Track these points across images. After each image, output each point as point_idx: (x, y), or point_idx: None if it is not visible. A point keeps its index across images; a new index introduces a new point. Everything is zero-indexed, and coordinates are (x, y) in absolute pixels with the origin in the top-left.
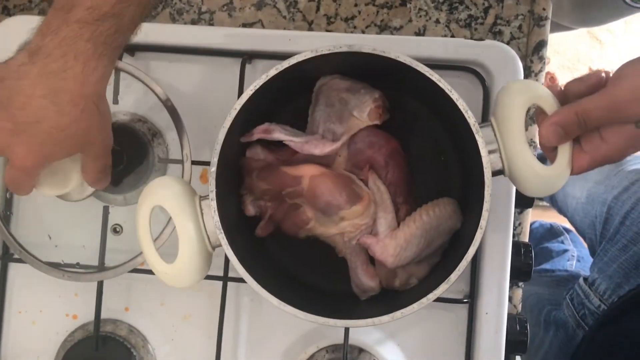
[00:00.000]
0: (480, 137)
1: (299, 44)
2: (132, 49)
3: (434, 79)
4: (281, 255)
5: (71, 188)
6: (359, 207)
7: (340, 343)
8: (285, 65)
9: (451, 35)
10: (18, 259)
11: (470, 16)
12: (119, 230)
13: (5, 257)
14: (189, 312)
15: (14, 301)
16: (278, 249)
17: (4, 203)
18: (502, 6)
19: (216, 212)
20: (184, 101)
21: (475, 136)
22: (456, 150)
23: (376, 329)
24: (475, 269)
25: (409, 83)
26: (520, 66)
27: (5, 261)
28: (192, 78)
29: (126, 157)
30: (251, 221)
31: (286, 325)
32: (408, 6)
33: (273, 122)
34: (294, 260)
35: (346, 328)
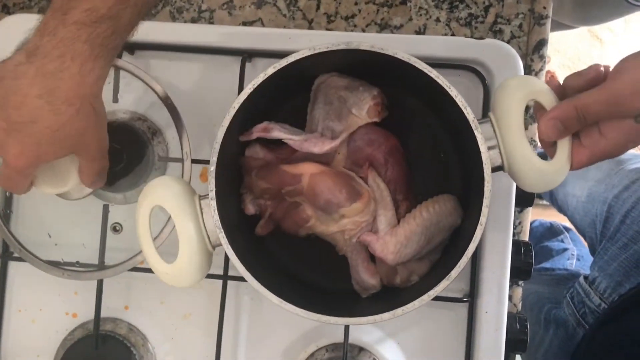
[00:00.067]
0: (480, 133)
1: (299, 43)
2: (132, 47)
3: (433, 75)
4: (281, 253)
5: (70, 187)
6: (358, 205)
7: (340, 342)
8: (283, 63)
9: (451, 34)
10: (18, 257)
11: (470, 15)
12: (118, 228)
13: (5, 256)
14: (189, 311)
15: (13, 300)
16: (278, 247)
17: (4, 201)
18: (503, 5)
19: (216, 212)
20: (183, 100)
21: (475, 132)
22: (455, 146)
23: (376, 327)
24: (476, 267)
25: (407, 80)
26: (520, 65)
27: (5, 260)
28: (192, 76)
29: (126, 156)
30: (251, 220)
31: (286, 323)
32: (408, 5)
33: (272, 121)
34: (294, 259)
35: (346, 326)
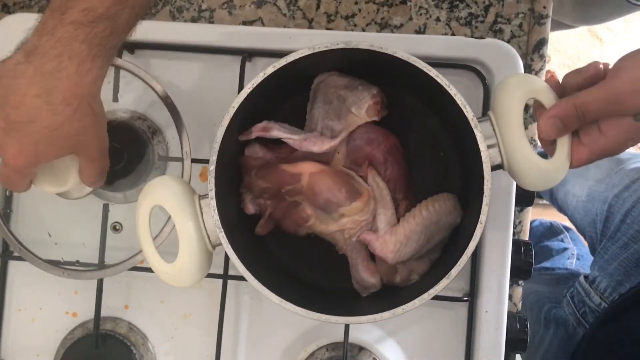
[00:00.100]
0: (479, 132)
1: (299, 42)
2: (132, 46)
3: (432, 74)
4: (281, 253)
5: (70, 186)
6: (358, 204)
7: (340, 341)
8: (282, 62)
9: (452, 34)
10: (18, 256)
11: (470, 14)
12: (118, 228)
13: (5, 255)
14: (189, 310)
15: (13, 299)
16: (278, 247)
17: (4, 201)
18: (503, 4)
19: (216, 211)
20: (184, 99)
21: (474, 131)
22: (455, 145)
23: (376, 327)
24: (476, 267)
25: (407, 79)
26: (520, 64)
27: (5, 259)
28: (192, 76)
29: (126, 155)
30: (251, 219)
31: (286, 323)
32: (408, 4)
33: (271, 120)
34: (294, 258)
35: (346, 326)
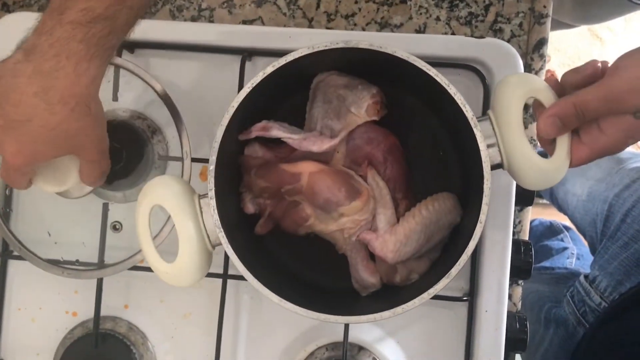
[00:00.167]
0: (479, 131)
1: (299, 41)
2: (132, 45)
3: (432, 73)
4: (281, 252)
5: (70, 185)
6: (358, 203)
7: (339, 341)
8: (282, 62)
9: (452, 33)
10: (18, 256)
11: (470, 14)
12: (118, 227)
13: (4, 254)
14: (189, 310)
15: (13, 298)
16: (278, 246)
17: (4, 200)
18: (503, 4)
19: (215, 211)
20: (183, 98)
21: (474, 130)
22: (455, 145)
23: (376, 326)
24: (475, 266)
25: (406, 79)
26: (520, 64)
27: (5, 258)
28: (192, 75)
29: (125, 155)
30: (251, 219)
31: (286, 322)
32: (408, 3)
33: (271, 120)
34: (294, 258)
35: (346, 325)
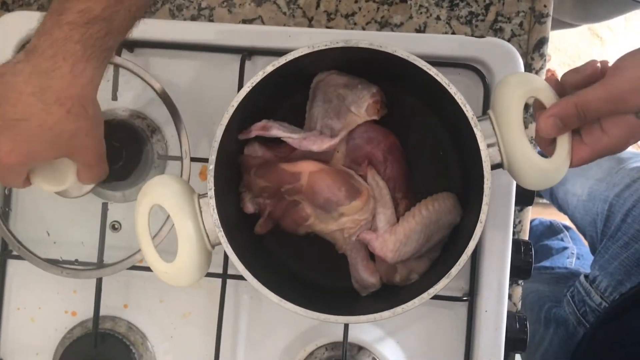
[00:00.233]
0: (479, 131)
1: (298, 41)
2: (131, 45)
3: (432, 73)
4: (280, 252)
5: (69, 185)
6: (358, 203)
7: (339, 341)
8: (282, 61)
9: (452, 32)
10: (17, 255)
11: (471, 13)
12: (117, 227)
13: (4, 254)
14: (188, 310)
15: (12, 298)
16: (277, 246)
17: (3, 199)
18: (503, 3)
19: (215, 210)
20: (183, 98)
21: (474, 129)
22: (455, 144)
23: (375, 326)
24: (475, 266)
25: (406, 78)
26: (521, 63)
27: (4, 258)
28: (192, 74)
29: (125, 154)
30: (250, 219)
31: (285, 322)
32: (409, 3)
33: (271, 119)
34: (294, 257)
35: (345, 325)
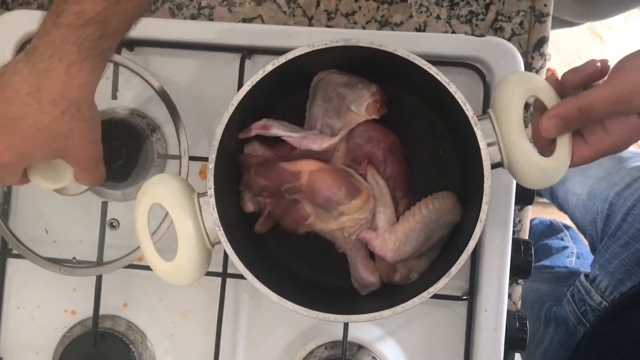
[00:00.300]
0: (479, 130)
1: (298, 40)
2: (131, 43)
3: (432, 72)
4: (280, 251)
5: (67, 182)
6: (358, 202)
7: (339, 340)
8: (282, 60)
9: (452, 32)
10: (16, 254)
11: (471, 12)
12: (115, 225)
13: (3, 253)
14: (188, 309)
15: (12, 297)
16: (277, 245)
17: (2, 197)
18: (503, 2)
19: (215, 209)
20: (183, 96)
21: (474, 129)
22: (455, 144)
23: (375, 325)
24: (475, 266)
25: (406, 77)
26: (521, 62)
27: (4, 256)
28: (192, 73)
29: (124, 153)
30: (250, 218)
31: (285, 321)
32: (409, 2)
33: (271, 118)
34: (294, 256)
35: (345, 324)
